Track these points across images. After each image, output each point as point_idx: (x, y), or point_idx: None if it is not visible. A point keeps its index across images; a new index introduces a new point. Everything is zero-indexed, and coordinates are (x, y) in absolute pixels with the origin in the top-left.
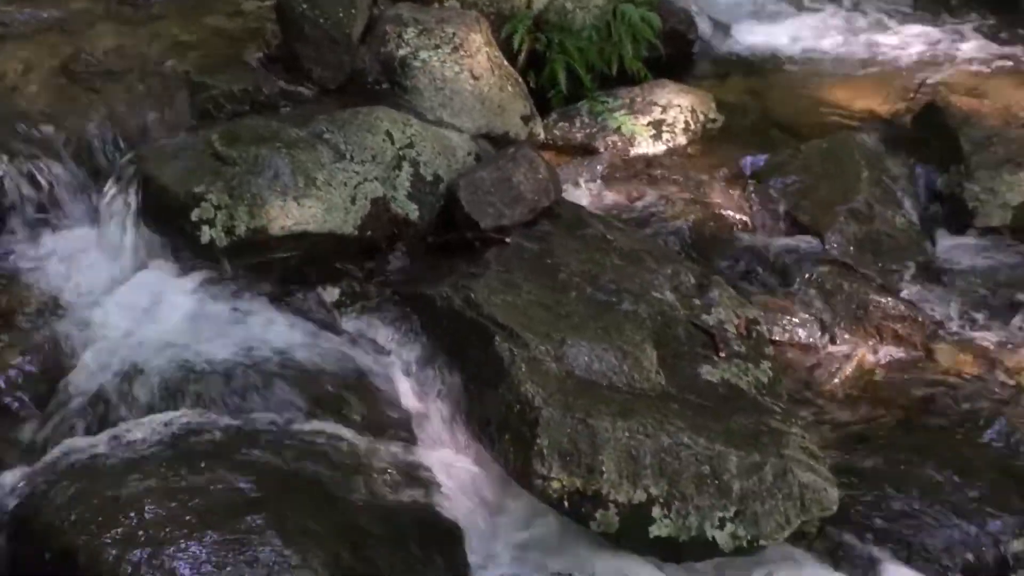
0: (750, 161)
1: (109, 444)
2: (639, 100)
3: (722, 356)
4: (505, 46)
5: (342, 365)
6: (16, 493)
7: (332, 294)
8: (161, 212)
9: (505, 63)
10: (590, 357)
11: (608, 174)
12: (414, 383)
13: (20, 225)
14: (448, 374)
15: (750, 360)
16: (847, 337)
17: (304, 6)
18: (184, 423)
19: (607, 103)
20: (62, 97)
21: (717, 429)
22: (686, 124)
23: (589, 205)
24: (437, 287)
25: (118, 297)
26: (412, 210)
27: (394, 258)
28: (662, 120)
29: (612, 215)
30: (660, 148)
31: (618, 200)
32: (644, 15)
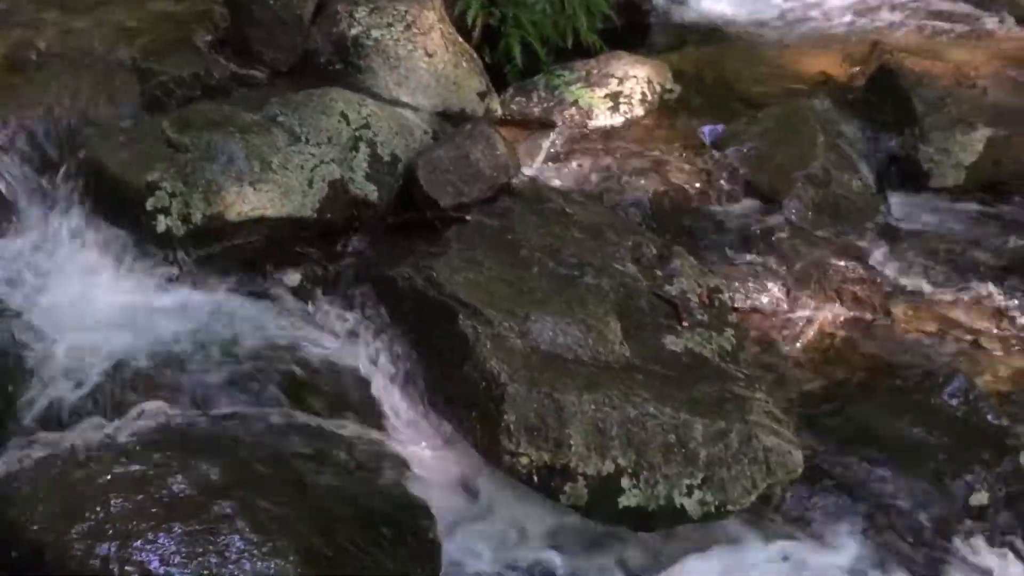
0: (708, 130)
1: (73, 438)
2: (595, 72)
3: (685, 326)
4: (459, 22)
5: (306, 350)
6: None
7: (293, 279)
8: (114, 203)
9: (459, 39)
10: (554, 332)
11: (567, 148)
12: (378, 365)
13: None
14: (412, 354)
15: (713, 328)
16: (808, 301)
17: None
18: (148, 415)
19: (563, 76)
20: (5, 88)
21: (682, 398)
22: (643, 95)
23: (548, 179)
24: (398, 268)
25: (73, 291)
26: (371, 191)
27: (354, 240)
28: (619, 92)
29: (572, 189)
30: (618, 120)
31: (577, 173)
32: None
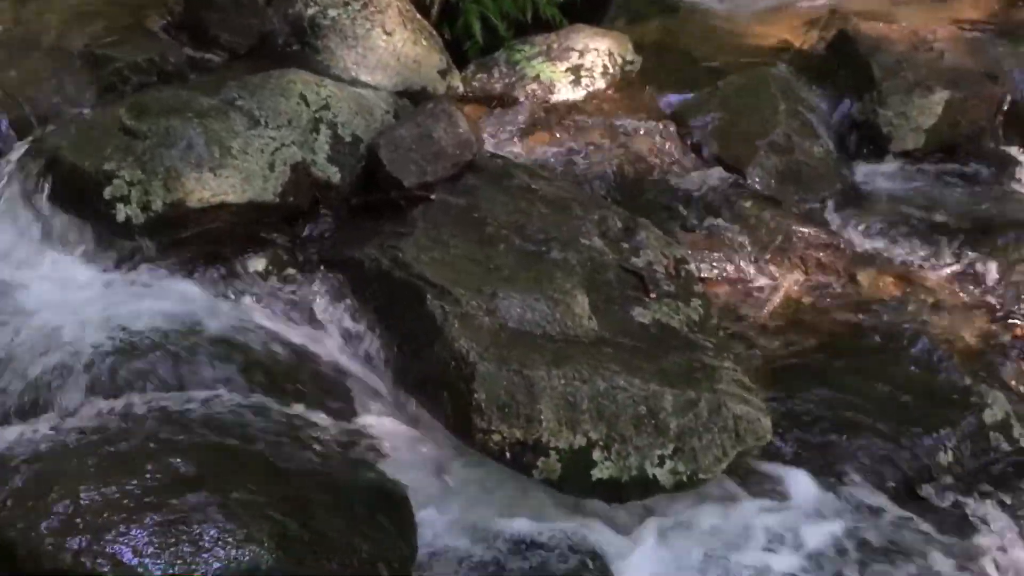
0: (670, 101)
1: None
2: (556, 46)
3: (653, 297)
4: None
5: (273, 336)
6: None
7: (258, 264)
8: (72, 193)
9: (418, 16)
10: (522, 308)
11: (530, 123)
12: (347, 348)
13: None
14: (381, 336)
15: (680, 299)
16: (773, 269)
17: None
18: (116, 406)
19: (524, 51)
20: None
21: (651, 369)
22: (604, 68)
23: (512, 155)
24: (364, 249)
25: (35, 285)
26: (333, 173)
27: (319, 223)
28: (580, 65)
29: (536, 164)
30: (580, 94)
31: (541, 149)
32: None
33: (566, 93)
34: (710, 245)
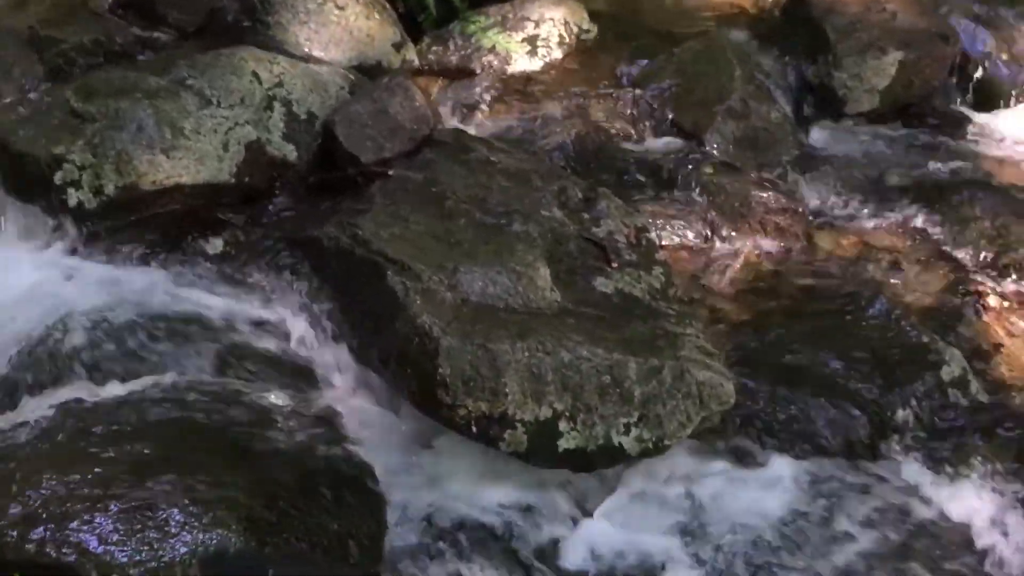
0: (627, 69)
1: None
2: (511, 16)
3: (614, 267)
4: None
5: (233, 317)
6: None
7: (216, 246)
8: (21, 179)
9: None
10: (484, 282)
11: (487, 95)
12: (308, 327)
13: None
14: (342, 314)
15: (642, 268)
16: (733, 234)
17: None
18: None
19: (479, 22)
20: None
21: (615, 339)
22: (560, 37)
23: (470, 128)
24: (323, 227)
25: None
26: (289, 151)
27: (276, 202)
28: (536, 35)
29: (494, 137)
30: (537, 64)
31: (499, 121)
32: None
33: (523, 64)
34: (670, 213)
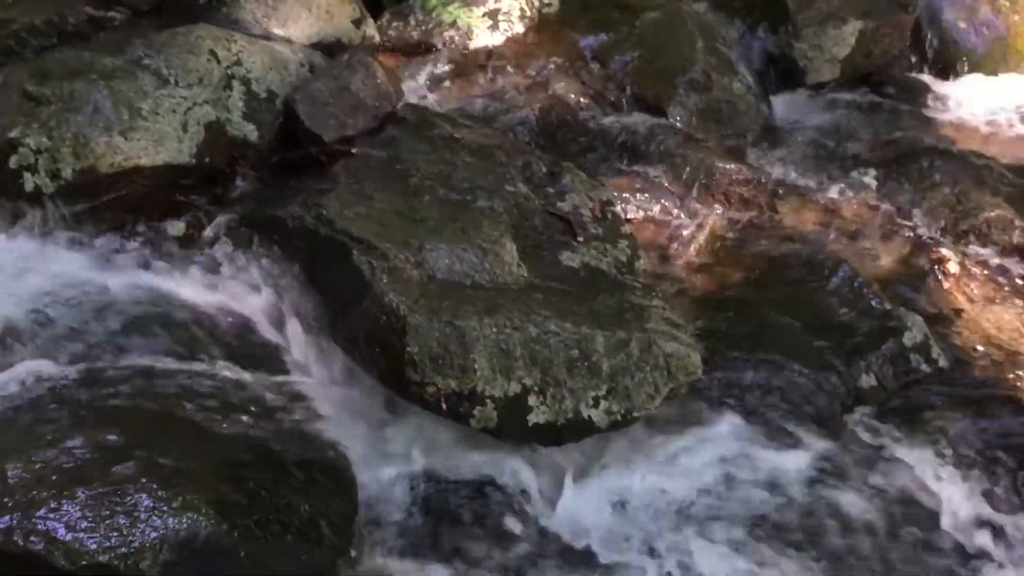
0: (589, 42)
1: None
2: None
3: (580, 241)
4: None
5: (197, 300)
6: None
7: (177, 228)
8: None
9: None
10: (450, 259)
11: (449, 71)
12: (275, 308)
13: None
14: (309, 294)
15: (608, 241)
16: (697, 206)
17: None
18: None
19: None
20: None
21: (582, 312)
22: (522, 11)
23: (433, 105)
24: (287, 207)
25: None
26: (250, 131)
27: (238, 183)
28: (497, 9)
29: (458, 112)
30: (499, 39)
31: (462, 96)
32: None
33: (484, 38)
34: (635, 186)
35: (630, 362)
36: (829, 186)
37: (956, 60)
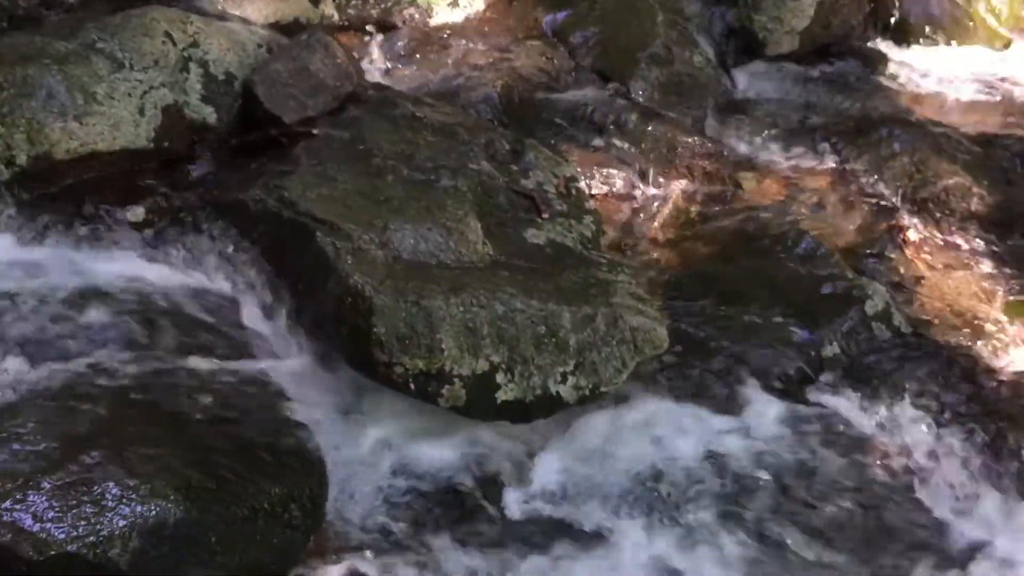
0: (550, 19)
1: None
2: None
3: (545, 217)
4: None
5: (160, 286)
6: None
7: (137, 213)
8: None
9: None
10: (415, 239)
11: (410, 49)
12: (239, 293)
13: None
14: (273, 277)
15: (572, 217)
16: (661, 180)
17: None
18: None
19: None
20: None
21: (548, 289)
22: None
23: (394, 84)
24: (249, 190)
25: None
26: (208, 114)
27: (198, 166)
28: None
29: (419, 91)
30: (459, 16)
31: (423, 75)
32: None
33: (444, 16)
34: (598, 161)
35: (597, 337)
36: (790, 157)
37: (914, 30)
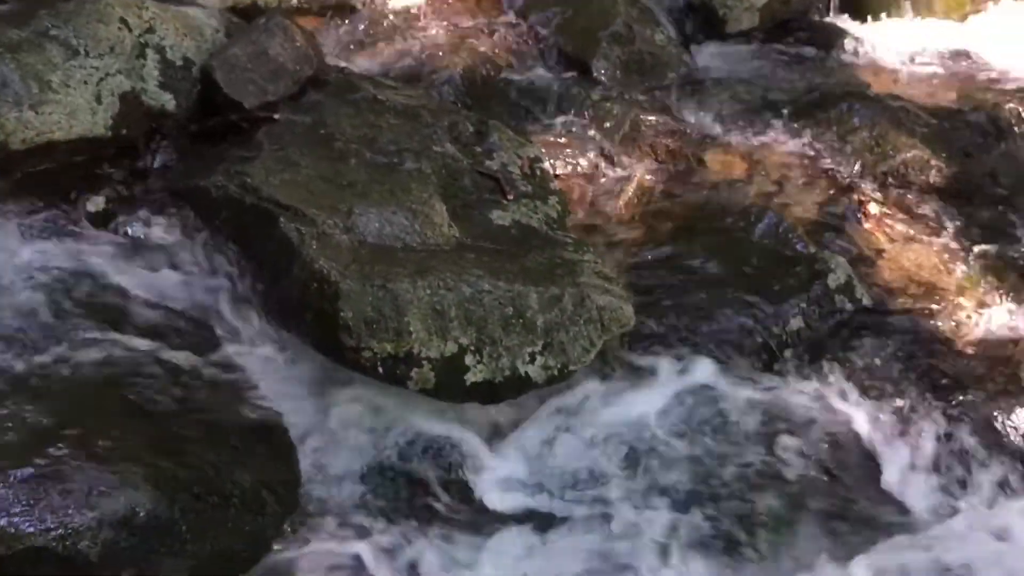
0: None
1: None
2: None
3: (510, 199)
4: None
5: (124, 276)
6: None
7: (97, 203)
8: None
9: None
10: (380, 222)
11: (370, 31)
12: (203, 280)
13: None
14: (238, 266)
15: (537, 198)
16: (625, 159)
17: None
18: None
19: None
20: None
21: (514, 270)
22: None
23: (355, 67)
24: (210, 177)
25: None
26: (167, 100)
27: (158, 154)
28: None
29: (380, 74)
30: None
31: (385, 58)
32: None
33: None
34: (562, 141)
35: (564, 317)
36: (752, 134)
37: (873, 4)
